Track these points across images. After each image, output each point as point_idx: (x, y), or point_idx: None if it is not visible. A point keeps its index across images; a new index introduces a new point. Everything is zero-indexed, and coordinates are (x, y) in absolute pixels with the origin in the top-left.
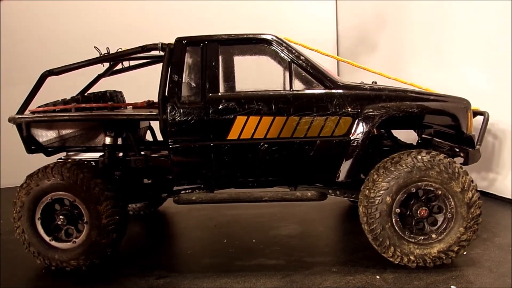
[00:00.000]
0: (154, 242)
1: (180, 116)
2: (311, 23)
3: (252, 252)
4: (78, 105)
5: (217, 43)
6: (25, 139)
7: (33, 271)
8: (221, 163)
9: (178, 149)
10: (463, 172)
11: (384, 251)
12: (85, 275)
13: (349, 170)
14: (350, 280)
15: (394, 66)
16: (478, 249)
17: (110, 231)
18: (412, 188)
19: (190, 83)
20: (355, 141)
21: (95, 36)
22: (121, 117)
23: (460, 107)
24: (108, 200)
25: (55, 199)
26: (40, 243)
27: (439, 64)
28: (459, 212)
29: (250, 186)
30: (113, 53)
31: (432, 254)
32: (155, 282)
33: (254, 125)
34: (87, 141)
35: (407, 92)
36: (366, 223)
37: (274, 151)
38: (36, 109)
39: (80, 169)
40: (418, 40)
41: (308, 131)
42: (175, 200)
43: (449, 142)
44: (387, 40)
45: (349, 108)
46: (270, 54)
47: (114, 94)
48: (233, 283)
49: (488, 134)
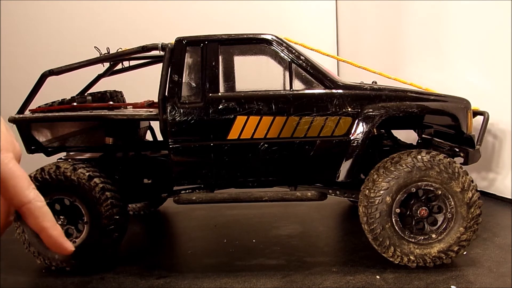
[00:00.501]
0: (154, 242)
1: (180, 116)
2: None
3: (252, 252)
4: (78, 105)
5: (217, 43)
6: (25, 139)
7: (33, 271)
8: (221, 163)
9: (178, 149)
10: (463, 172)
11: (384, 251)
12: (85, 275)
13: (349, 170)
14: (350, 280)
15: (394, 66)
16: (478, 249)
17: (110, 231)
18: (412, 188)
19: (190, 83)
20: (355, 141)
21: (95, 36)
22: (121, 117)
23: (460, 107)
24: (108, 200)
25: (55, 199)
26: (40, 243)
27: (439, 64)
28: (459, 212)
29: (250, 186)
30: (113, 53)
31: (432, 254)
32: (155, 282)
33: (254, 125)
34: (87, 141)
35: (407, 92)
36: (366, 223)
37: (274, 151)
38: (36, 109)
39: (80, 169)
40: (418, 40)
41: (308, 131)
42: (175, 200)
43: (449, 142)
44: (387, 40)
45: (349, 108)
46: (270, 54)
47: (114, 94)
48: (233, 283)
49: (488, 134)
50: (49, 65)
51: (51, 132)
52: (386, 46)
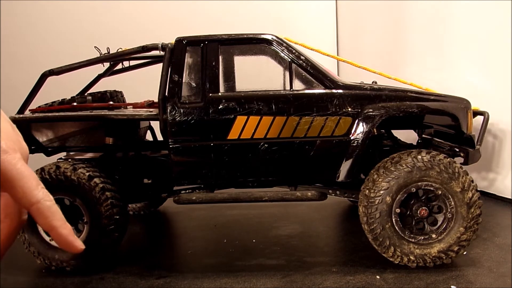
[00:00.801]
0: (154, 242)
1: (180, 116)
2: (311, 23)
3: (252, 252)
4: (78, 105)
5: (217, 43)
6: (25, 139)
7: (33, 271)
8: (221, 163)
9: (178, 149)
10: (463, 172)
11: (384, 251)
12: (85, 275)
13: (349, 170)
14: (350, 280)
15: (394, 66)
16: (478, 249)
17: (110, 231)
18: (412, 188)
19: (190, 83)
20: (355, 141)
21: (95, 36)
22: (121, 117)
23: (460, 107)
24: (108, 200)
25: (55, 199)
26: (40, 243)
27: (439, 64)
28: (459, 212)
29: (250, 186)
30: (113, 53)
31: (432, 254)
32: (155, 282)
33: (254, 125)
34: (87, 141)
35: (407, 92)
36: (366, 223)
37: (274, 151)
38: (36, 109)
39: (80, 169)
40: (418, 40)
41: (308, 131)
42: (175, 200)
43: (449, 142)
44: (387, 40)
45: (349, 108)
46: (270, 54)
47: (114, 94)
48: (233, 283)
49: (488, 134)
50: (49, 65)
51: (51, 132)
52: (386, 46)
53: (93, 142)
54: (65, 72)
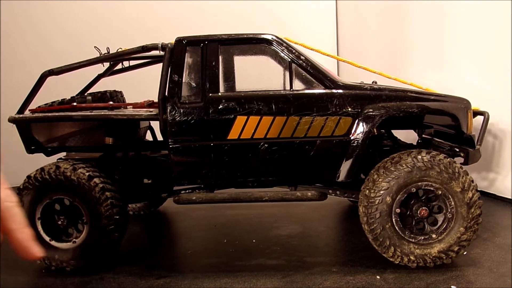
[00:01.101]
0: (154, 242)
1: (180, 116)
2: (311, 23)
3: (252, 252)
4: (78, 105)
5: (217, 43)
6: (25, 139)
7: (33, 271)
8: (221, 163)
9: (178, 149)
10: (463, 172)
11: (384, 251)
12: (85, 275)
13: (349, 170)
14: (350, 280)
15: (394, 66)
16: (478, 249)
17: (110, 231)
18: (412, 188)
19: (190, 83)
20: (355, 141)
21: (95, 36)
22: (121, 117)
23: (460, 107)
24: (108, 200)
25: (55, 199)
26: (40, 243)
27: (439, 64)
28: (459, 212)
29: (250, 186)
30: (113, 53)
31: (432, 254)
32: (155, 282)
33: (254, 125)
34: (87, 141)
35: (407, 92)
36: (366, 223)
37: (274, 151)
38: (36, 109)
39: (80, 169)
40: (418, 40)
41: (308, 131)
42: (175, 200)
43: (449, 142)
44: (387, 40)
45: (349, 108)
46: (270, 54)
47: (114, 94)
48: (233, 283)
49: (488, 134)
50: (49, 65)
51: (51, 132)
52: (386, 46)
53: (93, 142)
54: (65, 72)
